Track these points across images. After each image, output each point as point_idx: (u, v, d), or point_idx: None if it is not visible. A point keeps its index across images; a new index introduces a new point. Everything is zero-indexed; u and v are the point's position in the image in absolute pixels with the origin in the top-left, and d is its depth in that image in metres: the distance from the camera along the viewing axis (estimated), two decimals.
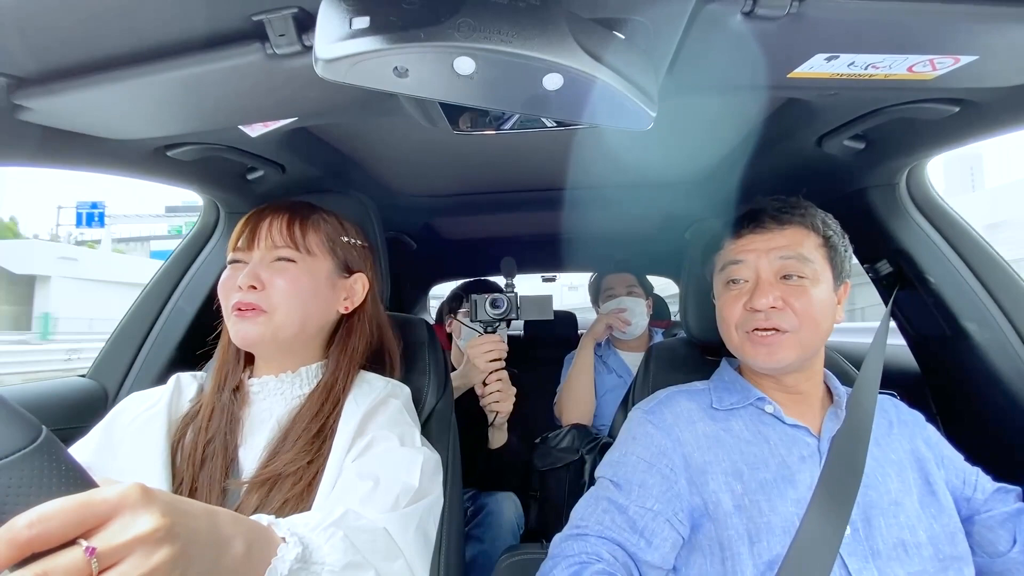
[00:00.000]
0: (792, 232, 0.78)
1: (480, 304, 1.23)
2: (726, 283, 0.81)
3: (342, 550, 0.51)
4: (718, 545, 0.69)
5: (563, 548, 0.71)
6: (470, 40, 0.43)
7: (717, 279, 0.85)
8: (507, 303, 1.22)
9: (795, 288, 0.75)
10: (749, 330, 0.77)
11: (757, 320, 0.76)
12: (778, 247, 0.77)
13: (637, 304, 1.70)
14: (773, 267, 0.77)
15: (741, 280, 0.79)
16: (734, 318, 0.79)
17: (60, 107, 0.62)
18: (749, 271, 0.79)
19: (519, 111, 0.55)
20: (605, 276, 1.82)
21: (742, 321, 0.78)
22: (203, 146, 0.84)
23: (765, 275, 0.77)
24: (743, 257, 0.79)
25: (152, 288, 1.20)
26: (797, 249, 0.77)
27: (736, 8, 0.49)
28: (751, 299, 0.76)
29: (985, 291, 0.98)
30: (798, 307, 0.74)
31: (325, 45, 0.44)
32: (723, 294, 0.82)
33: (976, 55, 0.56)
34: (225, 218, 1.17)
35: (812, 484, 0.69)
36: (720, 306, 0.83)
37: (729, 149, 1.12)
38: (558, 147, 1.11)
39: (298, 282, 0.75)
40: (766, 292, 0.75)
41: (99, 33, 0.52)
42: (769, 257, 0.77)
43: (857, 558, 0.66)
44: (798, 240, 0.77)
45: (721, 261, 0.83)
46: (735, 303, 0.79)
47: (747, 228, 0.80)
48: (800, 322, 0.74)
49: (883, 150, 0.92)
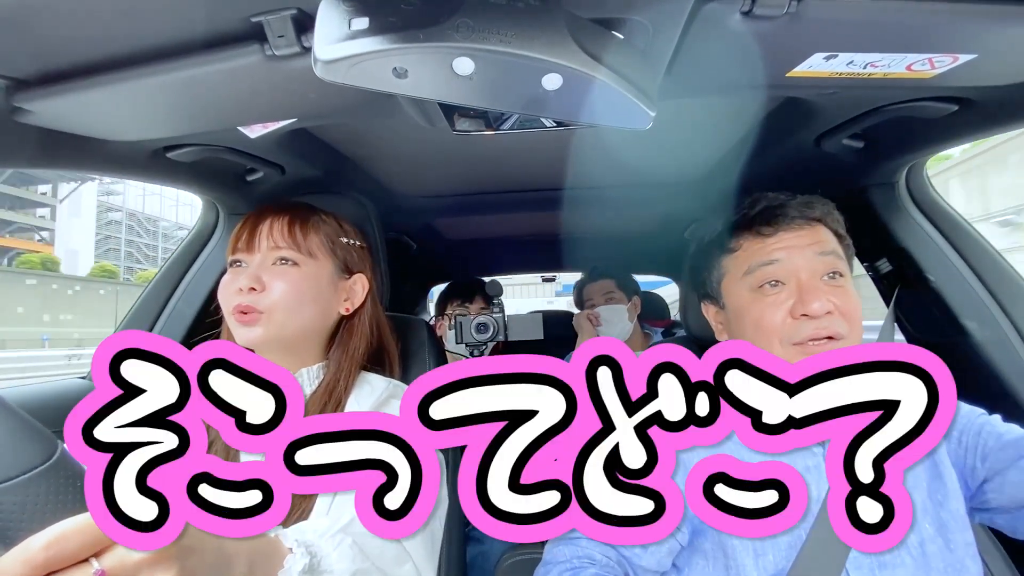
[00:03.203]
0: (819, 228, 0.71)
1: (466, 327, 1.16)
2: (757, 288, 0.71)
3: (350, 557, 0.52)
4: (721, 552, 0.67)
5: (555, 553, 0.70)
6: (469, 40, 0.43)
7: (738, 285, 0.74)
8: (494, 326, 1.16)
9: (839, 288, 0.68)
10: (800, 341, 0.66)
11: (809, 329, 0.66)
12: (813, 243, 0.69)
13: (614, 312, 1.68)
14: (813, 265, 0.68)
15: (779, 283, 0.70)
16: (777, 330, 0.68)
17: (60, 109, 0.62)
18: (786, 272, 0.69)
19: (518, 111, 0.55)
20: (584, 286, 1.80)
21: (790, 332, 0.67)
22: (202, 147, 0.83)
23: (806, 276, 0.68)
24: (777, 256, 0.70)
25: (152, 290, 1.20)
26: (831, 245, 0.70)
27: (735, 8, 0.49)
28: (801, 304, 0.66)
29: (985, 290, 0.98)
30: (847, 309, 0.66)
31: (324, 46, 0.44)
32: (756, 301, 0.71)
33: (975, 54, 0.56)
34: (224, 219, 1.17)
35: (819, 497, 0.66)
36: (756, 316, 0.70)
37: (728, 148, 1.12)
38: (557, 147, 1.11)
39: (299, 285, 0.75)
40: (816, 294, 0.66)
41: (98, 35, 0.52)
42: (806, 254, 0.69)
43: (864, 571, 0.64)
44: (826, 236, 0.71)
45: (743, 264, 0.74)
46: (775, 310, 0.68)
47: (773, 226, 0.72)
48: (850, 326, 0.66)
49: (882, 149, 0.92)
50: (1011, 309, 0.96)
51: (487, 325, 1.17)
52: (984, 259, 1.00)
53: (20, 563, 0.31)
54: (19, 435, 0.34)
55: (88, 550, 0.33)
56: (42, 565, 0.31)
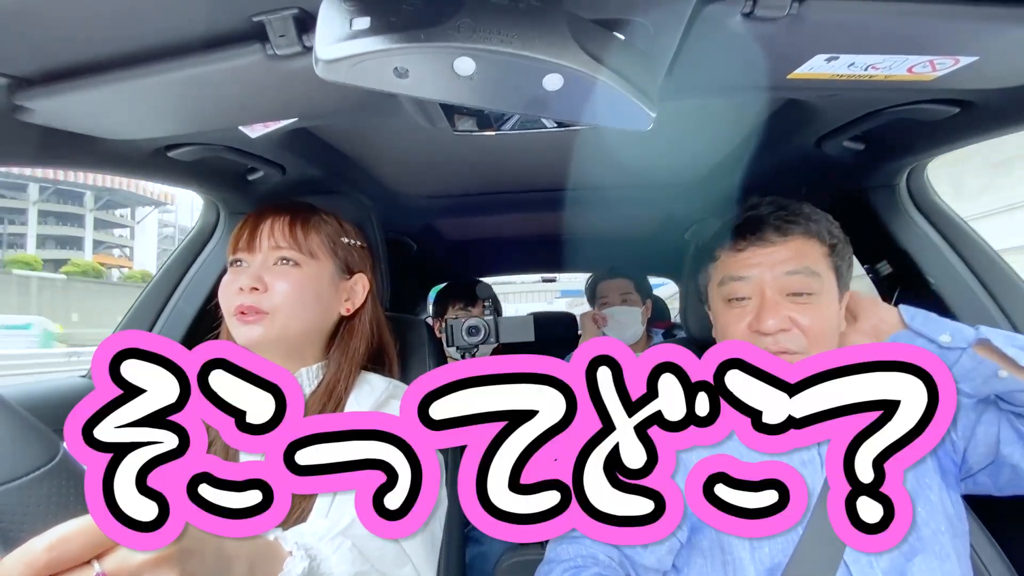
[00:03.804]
0: (797, 243, 0.72)
1: (457, 330, 1.16)
2: (727, 300, 0.75)
3: (350, 560, 0.52)
4: (719, 548, 0.68)
5: (558, 552, 0.71)
6: (470, 41, 0.43)
7: (715, 292, 0.78)
8: (484, 329, 1.16)
9: (803, 306, 0.70)
10: None
11: (764, 343, 0.69)
12: (783, 260, 0.71)
13: (628, 314, 1.64)
14: (779, 284, 0.71)
15: (744, 298, 0.73)
16: (738, 339, 0.72)
17: (61, 108, 0.62)
18: (752, 288, 0.72)
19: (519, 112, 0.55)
20: (600, 282, 1.76)
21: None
22: (203, 147, 0.83)
23: (770, 293, 0.70)
24: (745, 273, 0.73)
25: (152, 289, 1.20)
26: (804, 262, 0.71)
27: (736, 9, 0.49)
28: (757, 320, 0.70)
29: (985, 291, 0.98)
30: (806, 325, 0.69)
31: (325, 46, 0.44)
32: (724, 311, 0.75)
33: (976, 56, 0.56)
34: (225, 219, 1.17)
35: (815, 490, 0.67)
36: (722, 324, 0.76)
37: (729, 150, 1.12)
38: (558, 148, 1.11)
39: (301, 285, 0.74)
40: (773, 312, 0.69)
41: (100, 34, 0.52)
42: (774, 272, 0.71)
43: (861, 565, 0.64)
44: (804, 252, 0.72)
45: (719, 274, 0.77)
46: (738, 322, 0.72)
47: (747, 240, 0.74)
48: (809, 341, 0.68)
49: (883, 151, 0.92)
50: (1011, 311, 0.96)
51: (477, 328, 1.17)
52: (984, 261, 1.00)
53: (22, 565, 0.31)
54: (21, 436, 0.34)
55: (90, 552, 0.33)
56: (44, 567, 0.31)
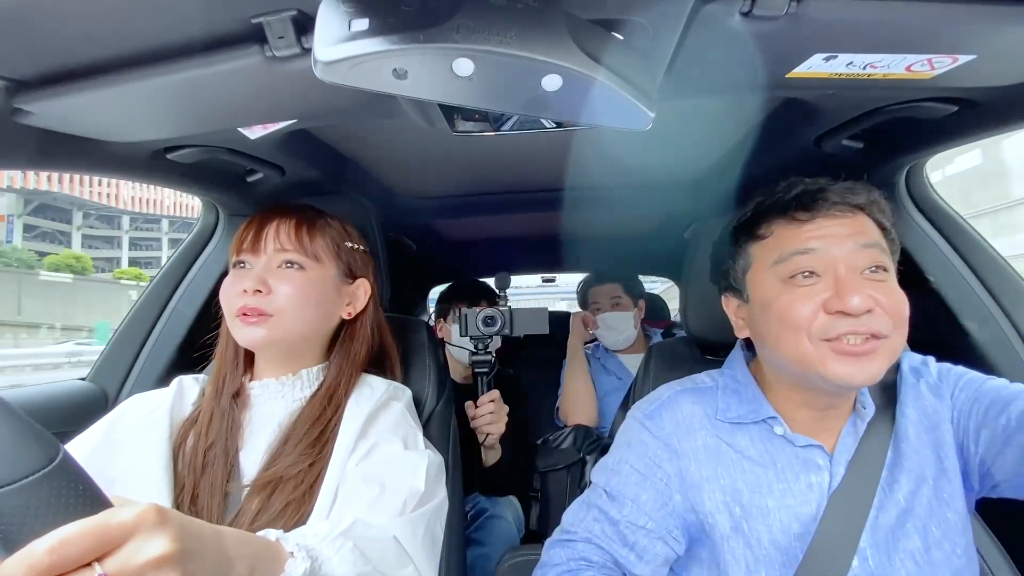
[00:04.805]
0: (862, 218, 0.65)
1: (472, 319, 1.14)
2: (788, 277, 0.64)
3: (352, 561, 0.52)
4: (715, 565, 0.66)
5: (551, 555, 0.70)
6: (469, 41, 0.43)
7: (766, 276, 0.67)
8: (501, 319, 1.13)
9: (881, 284, 0.62)
10: (832, 337, 0.60)
11: (847, 326, 0.60)
12: (855, 232, 0.63)
13: (620, 319, 1.65)
14: (854, 258, 0.62)
15: (813, 274, 0.63)
16: (806, 323, 0.61)
17: (60, 110, 0.62)
18: (823, 262, 0.62)
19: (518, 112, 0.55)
20: (590, 288, 1.77)
21: (822, 327, 0.61)
22: (202, 148, 0.83)
23: (846, 269, 0.62)
24: (815, 245, 0.63)
25: (152, 291, 1.20)
26: (874, 236, 0.64)
27: (735, 8, 0.49)
28: (837, 299, 0.60)
29: (985, 291, 0.98)
30: (889, 306, 0.60)
31: (324, 47, 0.44)
32: (784, 292, 0.64)
33: (974, 54, 0.56)
34: (225, 220, 1.17)
35: (818, 516, 0.64)
36: (781, 307, 0.64)
37: (728, 149, 1.12)
38: (557, 148, 1.11)
39: (305, 289, 0.74)
40: (856, 288, 0.59)
41: (98, 36, 0.52)
42: (846, 247, 0.62)
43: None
44: (870, 227, 0.65)
45: (773, 252, 0.66)
46: (807, 302, 0.62)
47: (810, 211, 0.65)
48: (894, 325, 0.61)
49: (882, 150, 0.92)
50: (1011, 309, 0.97)
51: (494, 318, 1.14)
52: (984, 259, 1.00)
53: (24, 567, 0.31)
54: (22, 438, 0.34)
55: (92, 554, 0.33)
56: (46, 569, 0.31)
